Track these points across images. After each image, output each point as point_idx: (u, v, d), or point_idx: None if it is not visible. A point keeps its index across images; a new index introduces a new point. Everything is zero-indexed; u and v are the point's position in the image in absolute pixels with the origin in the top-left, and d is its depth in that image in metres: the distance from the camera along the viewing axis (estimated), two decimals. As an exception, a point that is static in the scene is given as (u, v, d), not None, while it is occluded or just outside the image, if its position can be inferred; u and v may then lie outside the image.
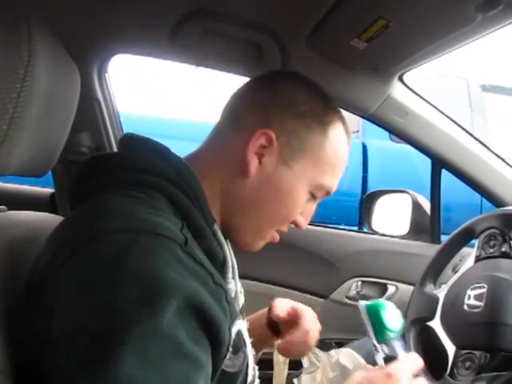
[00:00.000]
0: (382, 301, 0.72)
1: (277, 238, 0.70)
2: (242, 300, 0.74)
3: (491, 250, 0.99)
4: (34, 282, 0.54)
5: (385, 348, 0.68)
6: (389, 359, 0.65)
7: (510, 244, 0.96)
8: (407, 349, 0.71)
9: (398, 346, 0.68)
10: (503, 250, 0.97)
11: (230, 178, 0.65)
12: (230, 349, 0.56)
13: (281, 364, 0.91)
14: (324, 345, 1.00)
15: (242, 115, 0.67)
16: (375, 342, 0.68)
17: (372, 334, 0.69)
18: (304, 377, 0.83)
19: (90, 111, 1.36)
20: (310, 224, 1.57)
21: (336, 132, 0.67)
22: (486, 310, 0.89)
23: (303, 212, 0.69)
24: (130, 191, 0.56)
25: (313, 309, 0.87)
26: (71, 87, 0.68)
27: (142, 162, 0.60)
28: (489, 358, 0.85)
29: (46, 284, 0.51)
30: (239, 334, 0.60)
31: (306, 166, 0.65)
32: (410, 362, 0.64)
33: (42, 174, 0.68)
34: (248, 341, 0.64)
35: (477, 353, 0.86)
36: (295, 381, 0.83)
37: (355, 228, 2.49)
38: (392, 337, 0.68)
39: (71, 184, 0.64)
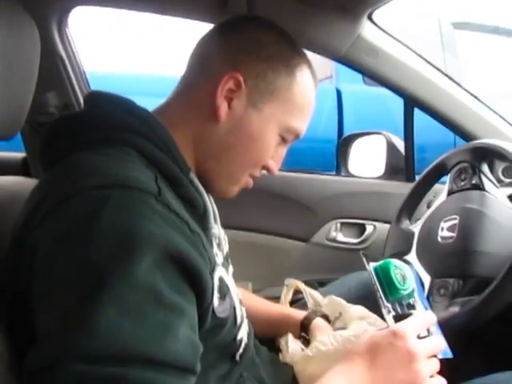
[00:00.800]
0: (390, 260, 0.69)
1: (250, 183, 0.71)
2: (226, 247, 0.76)
3: (462, 183, 1.02)
4: (13, 245, 0.55)
5: (397, 307, 0.65)
6: (400, 318, 0.63)
7: (479, 176, 0.99)
8: (426, 303, 0.69)
9: (413, 302, 0.66)
10: (473, 182, 1.00)
11: (201, 124, 0.66)
12: (217, 294, 0.58)
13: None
14: (307, 285, 1.04)
15: (208, 61, 0.67)
16: (386, 303, 0.65)
17: (382, 295, 0.66)
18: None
19: (54, 69, 1.31)
20: (286, 170, 1.60)
21: (303, 74, 0.68)
22: (458, 240, 0.93)
23: (274, 156, 0.70)
24: (101, 149, 0.57)
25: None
26: (31, 44, 0.66)
27: (109, 118, 0.60)
28: (461, 284, 0.90)
29: (23, 246, 0.52)
30: (221, 279, 0.61)
31: (274, 109, 0.66)
32: (421, 320, 0.63)
33: (9, 136, 0.67)
34: (231, 284, 0.65)
35: (450, 280, 0.91)
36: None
37: (333, 173, 2.52)
38: (404, 295, 0.66)
39: (40, 147, 0.63)
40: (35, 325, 0.49)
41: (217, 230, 0.67)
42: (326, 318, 0.89)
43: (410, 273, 0.69)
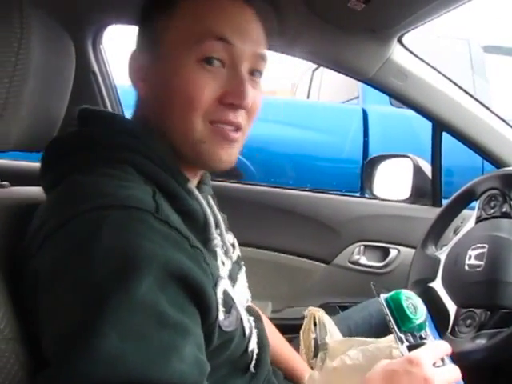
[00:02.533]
0: (401, 290, 0.69)
1: (226, 132, 0.61)
2: (236, 251, 0.74)
3: (492, 211, 1.00)
4: (16, 265, 0.54)
5: (410, 337, 0.65)
6: (413, 347, 0.63)
7: (510, 204, 0.97)
8: (437, 336, 0.68)
9: (425, 334, 0.66)
10: (504, 210, 0.97)
11: (152, 116, 0.63)
12: (222, 308, 0.57)
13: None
14: (328, 308, 1.02)
15: None
16: (399, 333, 0.65)
17: (395, 326, 0.65)
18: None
19: (87, 84, 1.35)
20: (310, 190, 1.58)
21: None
22: (487, 269, 0.90)
23: (226, 84, 0.60)
24: (98, 169, 0.56)
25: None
26: (66, 59, 0.68)
27: (103, 138, 0.59)
28: (489, 315, 0.87)
29: (25, 269, 0.52)
30: (225, 293, 0.60)
31: (171, 45, 0.60)
32: (436, 348, 0.62)
33: (42, 148, 0.68)
34: (236, 296, 0.63)
35: (477, 311, 0.88)
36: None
37: (357, 194, 2.50)
38: (416, 325, 0.65)
39: (40, 170, 0.62)
40: (42, 345, 0.49)
41: (219, 240, 0.64)
42: None
43: (421, 303, 0.68)
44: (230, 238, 0.74)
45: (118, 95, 1.48)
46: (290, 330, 0.99)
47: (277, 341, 0.90)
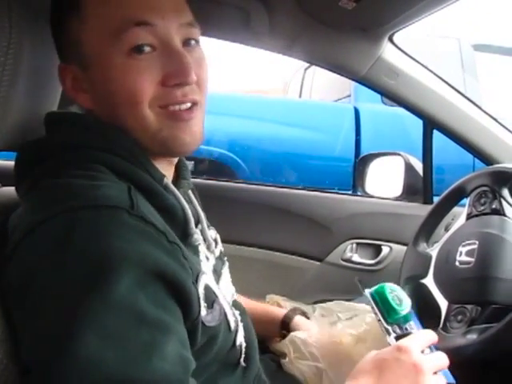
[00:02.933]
0: (385, 284, 0.71)
1: (188, 115, 0.59)
2: (219, 247, 0.74)
3: (482, 208, 1.01)
4: None
5: (397, 329, 0.68)
6: (401, 337, 0.66)
7: (500, 201, 0.98)
8: (421, 328, 0.71)
9: (410, 325, 0.68)
10: (493, 206, 0.98)
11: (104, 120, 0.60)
12: (204, 303, 0.57)
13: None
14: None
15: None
16: (386, 325, 0.68)
17: (382, 319, 0.69)
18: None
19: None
20: (303, 188, 1.59)
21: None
22: (477, 265, 0.91)
23: (160, 67, 0.57)
24: (69, 171, 0.54)
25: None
26: (56, 59, 0.67)
27: (71, 140, 0.58)
28: (479, 310, 0.87)
29: (3, 274, 0.51)
30: (207, 287, 0.59)
31: (93, 48, 0.58)
32: (422, 337, 0.64)
33: None
34: (219, 291, 0.63)
35: (468, 306, 0.89)
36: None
37: (349, 192, 2.51)
38: (402, 316, 0.68)
39: (15, 178, 0.62)
40: (22, 350, 0.49)
41: (199, 235, 0.63)
42: (304, 315, 0.92)
43: (406, 296, 0.71)
44: (212, 233, 0.73)
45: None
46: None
47: (250, 304, 0.90)
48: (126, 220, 0.49)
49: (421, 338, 0.64)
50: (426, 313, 1.00)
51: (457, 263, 0.96)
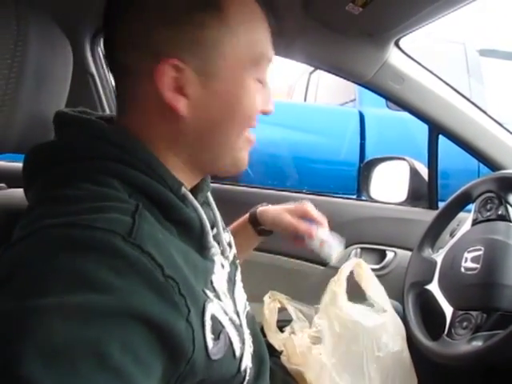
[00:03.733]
0: None
1: (253, 138, 0.64)
2: (233, 251, 0.73)
3: (488, 214, 1.00)
4: None
5: None
6: None
7: (506, 207, 0.97)
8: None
9: None
10: (499, 212, 0.98)
11: (169, 129, 0.58)
12: (211, 335, 0.53)
13: (273, 330, 0.94)
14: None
15: (124, 61, 0.57)
16: None
17: None
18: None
19: (85, 86, 1.35)
20: (307, 193, 1.58)
21: (232, 8, 0.57)
22: (483, 272, 0.91)
23: (263, 99, 0.63)
24: (76, 183, 0.52)
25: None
26: (63, 61, 0.68)
27: (83, 148, 0.55)
28: (485, 317, 0.87)
29: None
30: (214, 317, 0.55)
31: (230, 61, 0.57)
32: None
33: None
34: (225, 319, 0.59)
35: (473, 313, 0.88)
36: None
37: (354, 196, 2.50)
38: None
39: (23, 181, 0.60)
40: None
41: (217, 247, 0.62)
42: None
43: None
44: (226, 236, 0.72)
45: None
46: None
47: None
48: (119, 247, 0.45)
49: None
50: (431, 319, 0.99)
51: (462, 269, 0.95)
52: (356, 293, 0.76)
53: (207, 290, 0.57)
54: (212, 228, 0.64)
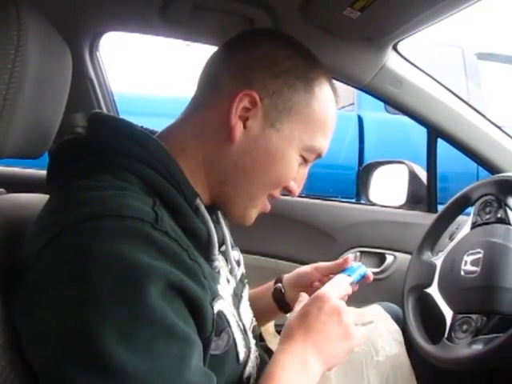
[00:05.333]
0: None
1: (268, 207, 0.68)
2: (241, 269, 0.74)
3: (487, 217, 1.00)
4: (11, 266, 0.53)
5: None
6: None
7: (505, 210, 0.97)
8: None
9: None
10: (499, 215, 0.98)
11: (214, 147, 0.62)
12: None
13: (271, 334, 0.94)
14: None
15: (219, 79, 0.63)
16: None
17: None
18: None
19: (84, 91, 1.35)
20: (307, 197, 1.58)
21: (322, 89, 0.64)
22: (482, 275, 0.90)
23: (296, 177, 0.67)
24: (100, 175, 0.55)
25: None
26: (63, 66, 0.68)
27: (109, 144, 0.58)
28: (485, 320, 0.87)
29: (21, 281, 0.50)
30: (220, 314, 0.58)
31: (294, 128, 0.63)
32: (336, 284, 0.70)
33: (38, 155, 0.68)
34: (233, 320, 0.62)
35: (473, 316, 0.88)
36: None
37: (353, 200, 2.50)
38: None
39: (47, 174, 0.62)
40: (35, 361, 0.47)
41: (221, 261, 0.64)
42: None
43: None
44: (235, 254, 0.73)
45: (114, 102, 1.48)
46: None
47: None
48: (150, 233, 0.48)
49: (335, 285, 0.70)
50: (431, 322, 0.99)
51: (462, 272, 0.95)
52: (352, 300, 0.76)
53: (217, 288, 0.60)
54: (221, 245, 0.66)
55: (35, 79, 0.59)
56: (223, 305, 0.60)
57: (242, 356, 0.62)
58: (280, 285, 0.89)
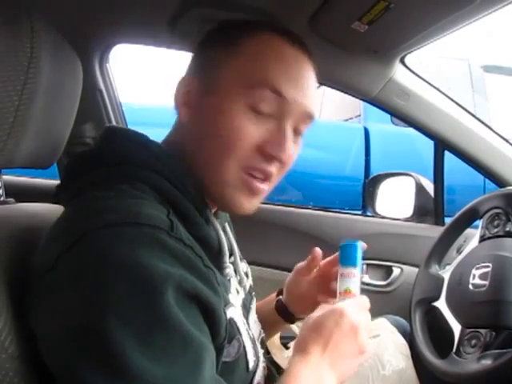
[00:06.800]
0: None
1: (255, 186, 0.62)
2: (249, 281, 0.75)
3: (495, 230, 0.99)
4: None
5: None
6: None
7: (513, 223, 0.97)
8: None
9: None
10: (507, 229, 0.97)
11: (184, 142, 0.64)
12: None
13: (277, 347, 0.93)
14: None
15: None
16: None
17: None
18: None
19: (93, 102, 1.36)
20: (313, 208, 1.58)
21: (254, 37, 0.62)
22: (491, 289, 0.90)
23: (273, 140, 0.60)
24: (113, 185, 0.55)
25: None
26: (74, 78, 0.69)
27: (123, 154, 0.59)
28: (494, 335, 0.86)
29: (34, 288, 0.51)
30: (231, 321, 0.59)
31: (226, 80, 0.61)
32: (357, 301, 0.68)
33: (48, 165, 0.69)
34: (243, 327, 0.63)
35: (482, 331, 0.87)
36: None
37: (359, 212, 2.49)
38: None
39: (61, 183, 0.63)
40: (52, 363, 0.48)
41: (232, 269, 0.65)
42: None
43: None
44: (243, 266, 0.73)
45: (123, 113, 1.49)
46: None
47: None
48: (167, 241, 0.49)
49: (355, 301, 0.68)
50: (439, 336, 0.98)
51: (470, 286, 0.94)
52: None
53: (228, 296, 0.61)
54: (230, 256, 0.66)
55: (47, 91, 0.60)
56: (234, 313, 0.60)
57: (251, 364, 0.63)
58: (281, 297, 0.90)
